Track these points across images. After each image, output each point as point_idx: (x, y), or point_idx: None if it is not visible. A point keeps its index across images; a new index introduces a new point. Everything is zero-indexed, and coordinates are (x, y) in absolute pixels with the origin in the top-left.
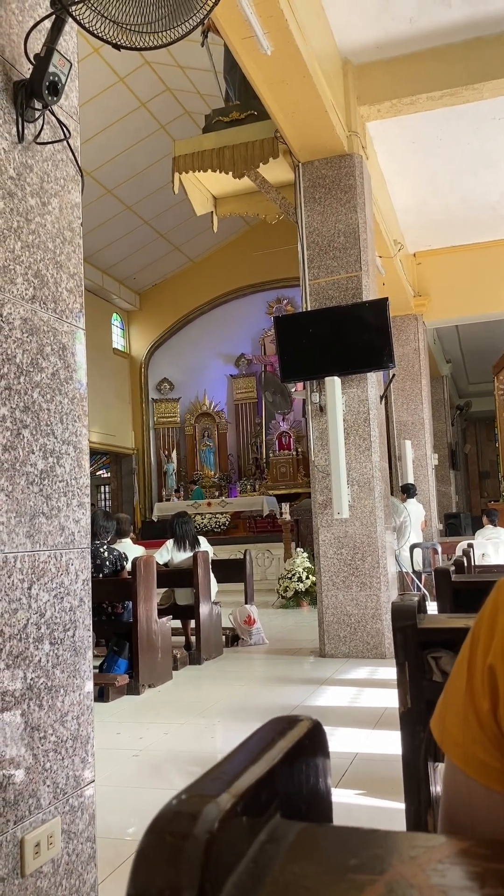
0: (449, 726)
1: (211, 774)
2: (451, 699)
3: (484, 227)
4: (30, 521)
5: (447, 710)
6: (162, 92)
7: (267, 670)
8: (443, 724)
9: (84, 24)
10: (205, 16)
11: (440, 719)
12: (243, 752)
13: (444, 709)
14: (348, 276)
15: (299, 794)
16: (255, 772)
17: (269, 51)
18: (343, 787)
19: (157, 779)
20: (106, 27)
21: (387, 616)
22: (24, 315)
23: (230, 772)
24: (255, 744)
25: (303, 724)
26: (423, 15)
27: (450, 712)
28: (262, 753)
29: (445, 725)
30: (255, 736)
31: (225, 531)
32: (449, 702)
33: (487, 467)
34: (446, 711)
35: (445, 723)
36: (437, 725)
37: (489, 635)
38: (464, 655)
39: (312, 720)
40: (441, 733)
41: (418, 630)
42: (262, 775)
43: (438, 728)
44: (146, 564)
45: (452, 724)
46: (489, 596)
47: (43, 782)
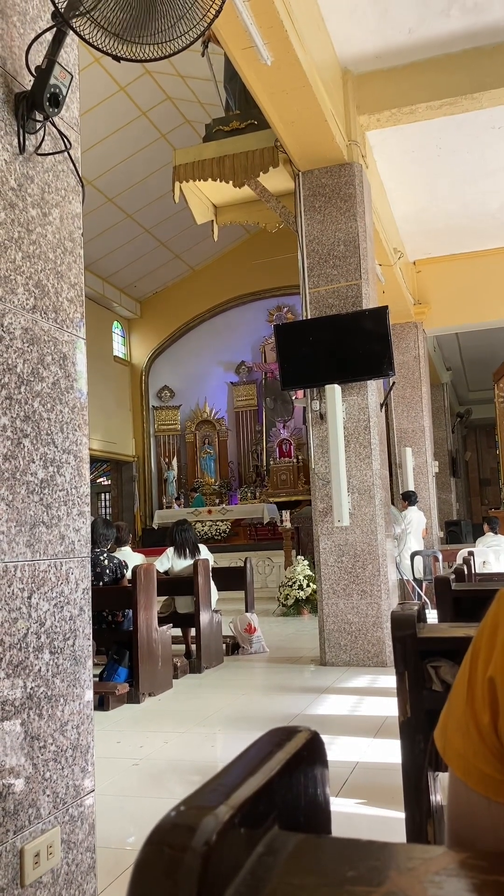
0: (451, 738)
1: (209, 786)
2: (454, 710)
3: (484, 235)
4: (30, 531)
5: (450, 722)
6: (163, 101)
7: (267, 679)
8: (445, 735)
9: (85, 36)
10: (205, 28)
11: (443, 730)
12: (241, 763)
13: (446, 720)
14: (348, 285)
15: (298, 806)
16: (254, 783)
17: (269, 61)
18: (343, 797)
19: (157, 788)
20: (106, 39)
21: (387, 624)
22: (25, 325)
23: (228, 783)
24: (254, 755)
25: (301, 734)
26: (421, 25)
27: (452, 724)
28: (260, 765)
29: (448, 737)
30: (254, 747)
31: (225, 539)
32: (451, 713)
33: (488, 474)
34: (449, 723)
35: (448, 734)
36: (440, 737)
37: (489, 648)
38: (465, 667)
39: (310, 731)
40: (444, 745)
41: (418, 639)
42: (260, 787)
43: (441, 739)
44: (146, 573)
45: (454, 736)
46: (490, 607)
47: (43, 792)
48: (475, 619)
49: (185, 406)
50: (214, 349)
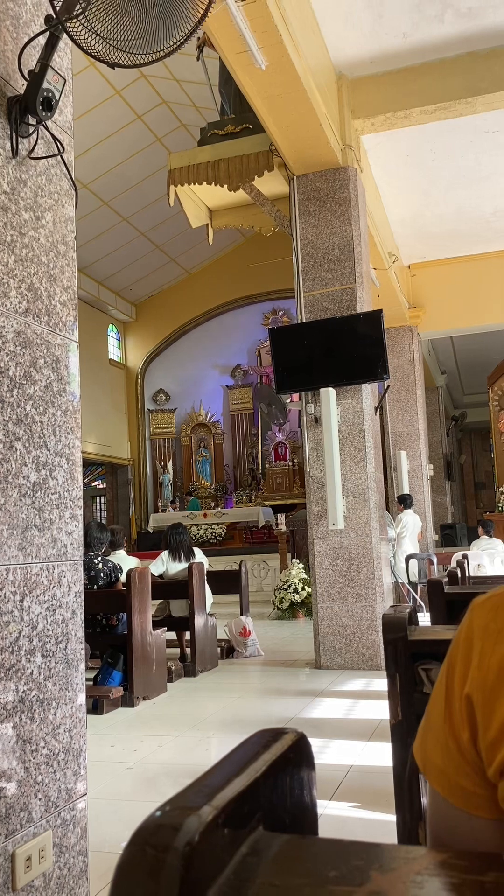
0: (431, 754)
1: (194, 787)
2: (432, 726)
3: (478, 239)
4: (22, 534)
5: (428, 737)
6: (158, 105)
7: (262, 682)
8: (425, 751)
9: (79, 41)
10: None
11: (422, 745)
12: (227, 764)
13: (425, 735)
14: (343, 289)
15: (283, 807)
16: (238, 784)
17: (263, 65)
18: (337, 800)
19: (151, 792)
20: (98, 45)
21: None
22: (18, 328)
23: (213, 784)
24: (240, 756)
25: (287, 736)
26: (416, 30)
27: (431, 740)
28: (245, 766)
29: (427, 753)
30: (240, 748)
31: (221, 542)
32: (430, 728)
33: (483, 478)
34: (427, 738)
35: (427, 750)
36: (419, 751)
37: (465, 663)
38: (441, 681)
39: (297, 732)
40: (424, 761)
41: (409, 642)
42: (244, 788)
43: (421, 754)
44: (141, 576)
45: (434, 753)
46: (463, 621)
47: (35, 795)
48: None
49: (180, 409)
50: (210, 352)
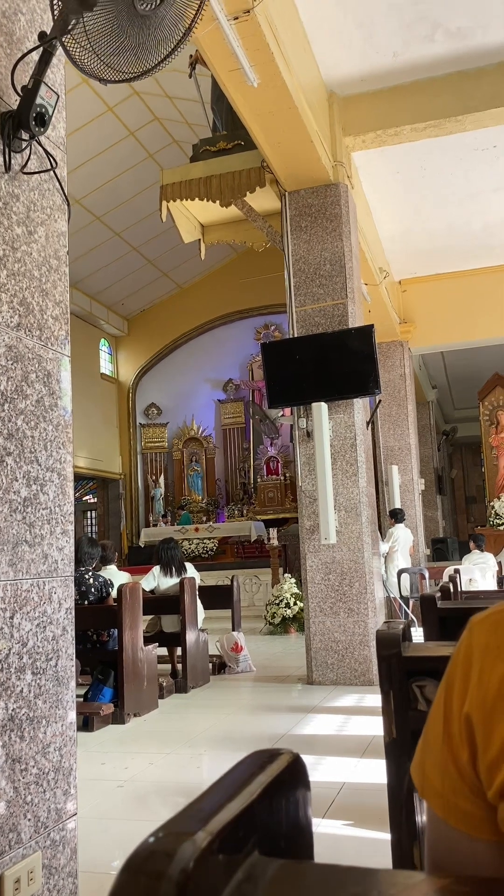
0: (429, 775)
1: (188, 811)
2: (430, 746)
3: (468, 255)
4: (12, 550)
5: (426, 758)
6: (150, 121)
7: (254, 698)
8: (423, 771)
9: (74, 56)
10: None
11: (420, 766)
12: (221, 787)
13: (423, 755)
14: (334, 304)
15: (279, 830)
16: (233, 808)
17: (255, 83)
18: (330, 818)
19: (142, 810)
20: (91, 61)
21: (374, 642)
22: (9, 342)
23: (207, 808)
24: (234, 778)
25: (283, 757)
26: (406, 49)
27: (429, 760)
28: (240, 789)
29: (426, 774)
30: (235, 770)
31: (212, 557)
32: (428, 748)
33: (474, 492)
34: (425, 758)
35: (425, 771)
36: (417, 772)
37: (464, 682)
38: (440, 700)
39: (292, 753)
40: (421, 781)
41: (403, 659)
42: (239, 812)
43: (419, 775)
44: (132, 591)
45: (432, 774)
46: (461, 638)
47: (24, 816)
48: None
49: (172, 423)
50: (202, 367)
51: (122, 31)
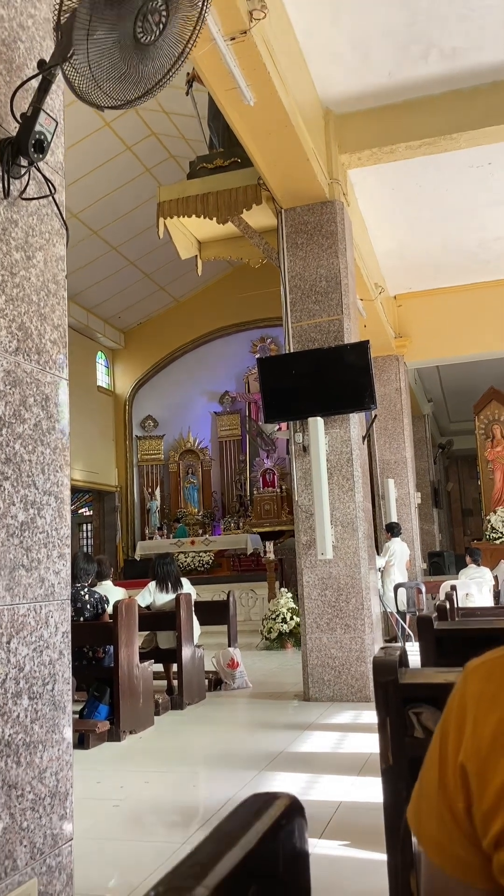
0: (425, 822)
1: (185, 863)
2: (426, 792)
3: (463, 270)
4: (9, 574)
5: (422, 804)
6: (147, 136)
7: (250, 715)
8: (419, 818)
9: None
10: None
11: (416, 813)
12: (218, 836)
13: (419, 801)
14: (330, 320)
15: (276, 874)
16: (231, 859)
17: (252, 102)
18: (327, 839)
19: (138, 830)
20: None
21: (371, 659)
22: (8, 367)
23: (205, 860)
24: (231, 826)
25: (279, 801)
26: (401, 69)
27: (425, 807)
28: (237, 838)
29: (421, 820)
30: (232, 817)
31: (209, 570)
32: (424, 795)
33: (470, 505)
34: (421, 805)
35: (421, 817)
36: (413, 818)
37: (459, 731)
38: (435, 747)
39: (289, 796)
40: (418, 827)
41: (400, 685)
42: (237, 863)
43: (415, 821)
44: (128, 608)
45: (428, 821)
46: (456, 686)
47: (20, 842)
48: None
49: (168, 436)
50: (198, 379)
51: (123, 61)
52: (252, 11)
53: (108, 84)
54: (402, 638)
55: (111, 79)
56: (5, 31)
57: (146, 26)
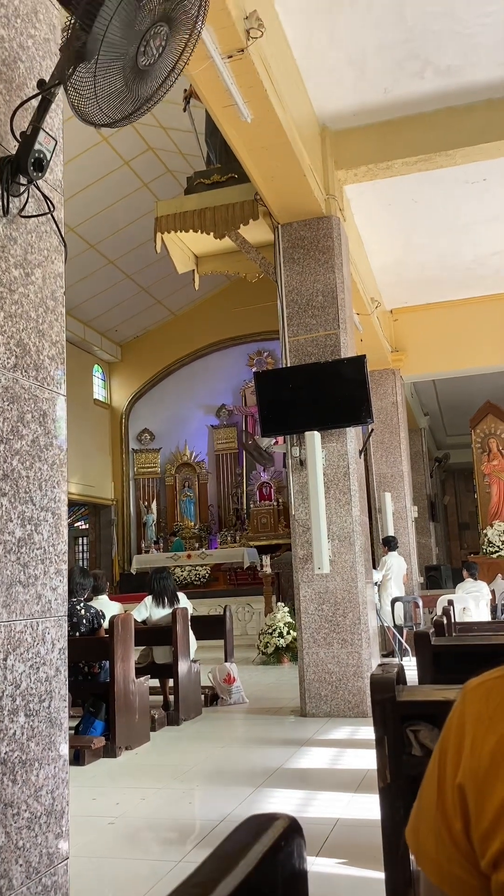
0: (423, 842)
1: (187, 884)
2: (425, 812)
3: (458, 285)
4: (6, 591)
5: (421, 824)
6: (144, 151)
7: (247, 731)
8: (417, 837)
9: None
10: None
11: (415, 832)
12: (217, 859)
13: (417, 821)
14: (326, 334)
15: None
16: (230, 884)
17: (249, 118)
18: (324, 856)
19: (133, 848)
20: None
21: (368, 674)
22: (6, 384)
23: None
24: (230, 848)
25: (278, 823)
26: (397, 86)
27: (423, 827)
28: (236, 860)
29: (420, 840)
30: (231, 839)
31: (205, 584)
32: (422, 814)
33: (467, 518)
34: (420, 824)
35: (420, 837)
36: (411, 837)
37: (457, 751)
38: (433, 766)
39: (287, 818)
40: (416, 847)
41: (398, 703)
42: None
43: (413, 841)
44: (124, 623)
45: (427, 840)
46: (455, 705)
47: (15, 861)
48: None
49: (165, 449)
50: (195, 393)
51: (125, 84)
52: (249, 30)
53: (105, 103)
54: (399, 653)
55: (110, 99)
56: (6, 52)
57: (147, 51)
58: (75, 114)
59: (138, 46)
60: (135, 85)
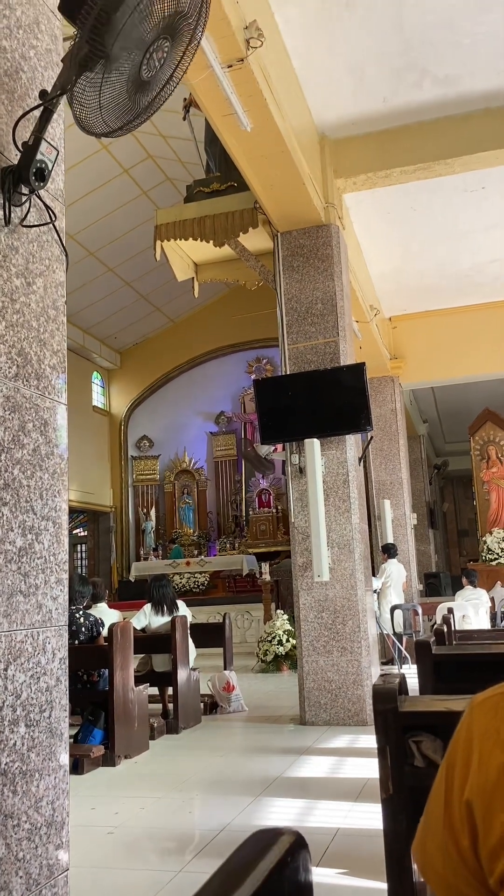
0: (430, 858)
1: None
2: (432, 828)
3: (457, 293)
4: (7, 600)
5: (428, 839)
6: (144, 159)
7: (246, 739)
8: (424, 853)
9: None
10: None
11: (421, 847)
12: (226, 873)
13: (424, 836)
14: (326, 342)
15: None
16: None
17: (248, 127)
18: (325, 866)
19: (132, 859)
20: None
21: (368, 682)
22: (7, 393)
23: None
24: (237, 864)
25: (284, 839)
26: (395, 95)
27: (430, 843)
28: (245, 875)
29: (427, 856)
30: (237, 855)
31: (204, 591)
32: (429, 830)
33: (466, 525)
34: (427, 840)
35: (427, 853)
36: (418, 853)
37: (464, 766)
38: (440, 781)
39: (293, 833)
40: (423, 863)
41: (400, 714)
42: None
43: (420, 857)
44: (123, 631)
45: (434, 857)
46: (462, 719)
47: (15, 873)
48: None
49: (164, 456)
50: (194, 399)
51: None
52: (249, 40)
53: (109, 113)
54: (399, 660)
55: (114, 110)
56: (8, 62)
57: (150, 63)
58: (78, 124)
59: (142, 59)
60: (137, 96)
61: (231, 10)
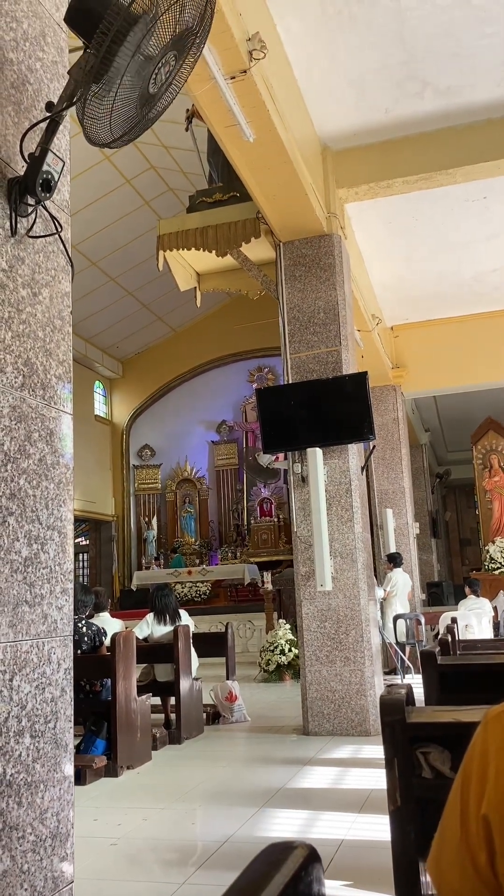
0: (446, 875)
1: None
2: (447, 843)
3: (459, 302)
4: (13, 611)
5: (443, 855)
6: (146, 170)
7: (249, 750)
8: (439, 869)
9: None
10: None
11: (436, 863)
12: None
13: (439, 851)
14: (328, 351)
15: None
16: None
17: (251, 138)
18: (329, 878)
19: (135, 870)
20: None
21: (371, 692)
22: (13, 403)
23: None
24: (251, 879)
25: (298, 852)
26: (397, 106)
27: (446, 858)
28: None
29: (443, 873)
30: (250, 870)
31: (205, 600)
32: (445, 845)
33: (468, 534)
34: (442, 856)
35: (442, 869)
36: (433, 869)
37: (481, 781)
38: (456, 796)
39: (307, 846)
40: (438, 879)
41: (407, 725)
42: None
43: (435, 873)
44: (126, 640)
45: (450, 873)
46: (477, 733)
47: (20, 886)
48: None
49: (165, 465)
50: (195, 408)
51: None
52: (252, 51)
53: (114, 123)
54: (402, 670)
55: (122, 123)
56: (14, 74)
57: (157, 78)
58: (88, 139)
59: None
60: (143, 109)
61: (234, 23)
